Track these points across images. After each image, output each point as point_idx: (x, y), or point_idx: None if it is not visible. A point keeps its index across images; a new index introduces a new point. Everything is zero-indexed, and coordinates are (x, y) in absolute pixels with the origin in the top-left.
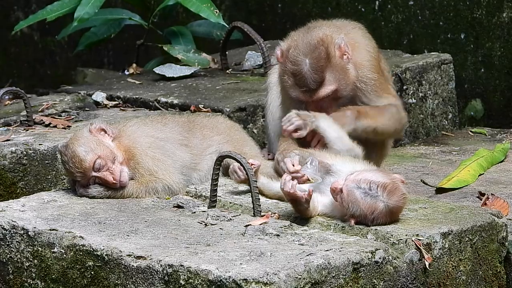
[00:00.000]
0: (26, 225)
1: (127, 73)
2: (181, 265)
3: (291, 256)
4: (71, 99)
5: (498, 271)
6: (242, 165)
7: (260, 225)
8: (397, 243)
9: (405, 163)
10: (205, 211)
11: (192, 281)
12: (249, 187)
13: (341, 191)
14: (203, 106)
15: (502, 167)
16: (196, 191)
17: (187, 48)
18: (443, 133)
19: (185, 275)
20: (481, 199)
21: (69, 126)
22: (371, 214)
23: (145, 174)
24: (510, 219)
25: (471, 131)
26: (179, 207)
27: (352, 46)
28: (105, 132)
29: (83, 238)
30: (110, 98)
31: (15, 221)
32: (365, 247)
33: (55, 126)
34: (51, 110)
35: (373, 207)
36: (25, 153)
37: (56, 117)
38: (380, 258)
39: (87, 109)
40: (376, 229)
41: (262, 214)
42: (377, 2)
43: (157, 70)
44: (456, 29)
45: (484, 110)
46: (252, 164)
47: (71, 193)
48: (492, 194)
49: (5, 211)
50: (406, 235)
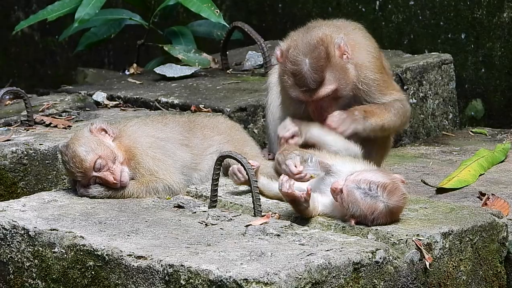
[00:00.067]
0: (26, 225)
1: (127, 73)
2: (182, 265)
3: (291, 256)
4: (71, 99)
5: (498, 271)
6: (242, 165)
7: (260, 225)
8: (397, 243)
9: (406, 163)
10: (205, 211)
11: (192, 281)
12: (249, 187)
13: (341, 191)
14: (203, 106)
15: (502, 167)
16: (196, 191)
17: (187, 48)
18: (444, 133)
19: (185, 275)
20: (482, 199)
21: (69, 126)
22: (371, 214)
23: (145, 174)
24: (510, 219)
25: (471, 131)
26: (179, 207)
27: (352, 47)
28: (106, 132)
29: (83, 238)
30: (110, 98)
31: (16, 221)
32: (365, 247)
33: (56, 126)
34: (52, 110)
35: (373, 208)
36: (25, 153)
37: (56, 117)
38: (380, 258)
39: (87, 109)
40: (376, 229)
41: (262, 214)
42: (378, 2)
43: (158, 70)
44: (456, 29)
45: (484, 110)
46: (251, 165)
47: (72, 193)
48: (492, 194)
49: (5, 211)
50: (406, 235)
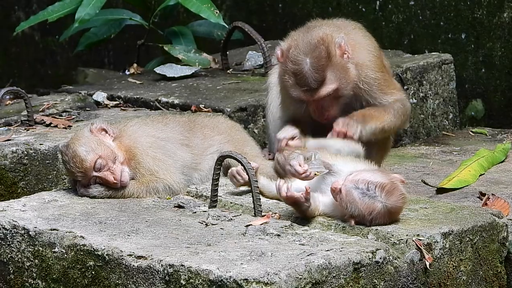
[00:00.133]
0: (27, 225)
1: (128, 73)
2: (182, 265)
3: (291, 256)
4: (72, 99)
5: (498, 271)
6: (242, 165)
7: (260, 225)
8: (397, 243)
9: (406, 163)
10: (206, 211)
11: (192, 281)
12: (249, 187)
13: (340, 191)
14: (204, 106)
15: (502, 167)
16: (197, 191)
17: (187, 48)
18: (444, 133)
19: (185, 275)
20: (482, 199)
21: (70, 126)
22: (369, 214)
23: (146, 174)
24: (510, 219)
25: (471, 131)
26: (180, 207)
27: (352, 46)
28: (106, 132)
29: (84, 238)
30: (111, 98)
31: (16, 221)
32: (365, 247)
33: (56, 126)
34: (52, 110)
35: (371, 208)
36: (26, 153)
37: (57, 117)
38: (380, 258)
39: (88, 109)
40: (376, 229)
41: (262, 214)
42: (378, 2)
43: (158, 70)
44: (456, 29)
45: (484, 110)
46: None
47: (72, 193)
48: (492, 194)
49: (6, 211)
50: (406, 235)
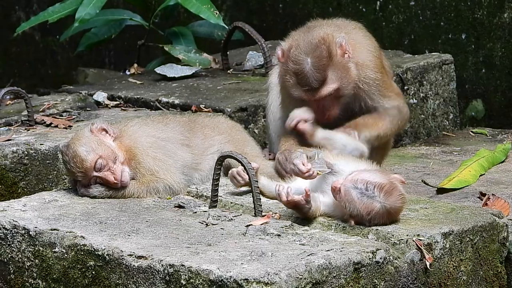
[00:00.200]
0: (27, 225)
1: (128, 73)
2: (182, 265)
3: (292, 256)
4: (72, 99)
5: (499, 271)
6: (243, 165)
7: (261, 225)
8: (398, 243)
9: (406, 163)
10: (206, 211)
11: (193, 281)
12: (250, 187)
13: (340, 190)
14: (204, 106)
15: (503, 167)
16: (197, 191)
17: (188, 48)
18: (444, 134)
19: (186, 275)
20: (482, 200)
21: (70, 126)
22: (368, 214)
23: (146, 174)
24: (511, 219)
25: (472, 132)
26: (180, 207)
27: (353, 46)
28: (106, 132)
29: (84, 238)
30: (111, 98)
31: (16, 221)
32: (366, 247)
33: (56, 126)
34: (52, 110)
35: (369, 208)
36: (26, 153)
37: (57, 117)
38: (381, 258)
39: (88, 109)
40: (377, 229)
41: (263, 214)
42: (378, 2)
43: (158, 70)
44: (457, 29)
45: (485, 110)
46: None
47: (72, 193)
48: (493, 194)
49: (6, 211)
50: (407, 235)
